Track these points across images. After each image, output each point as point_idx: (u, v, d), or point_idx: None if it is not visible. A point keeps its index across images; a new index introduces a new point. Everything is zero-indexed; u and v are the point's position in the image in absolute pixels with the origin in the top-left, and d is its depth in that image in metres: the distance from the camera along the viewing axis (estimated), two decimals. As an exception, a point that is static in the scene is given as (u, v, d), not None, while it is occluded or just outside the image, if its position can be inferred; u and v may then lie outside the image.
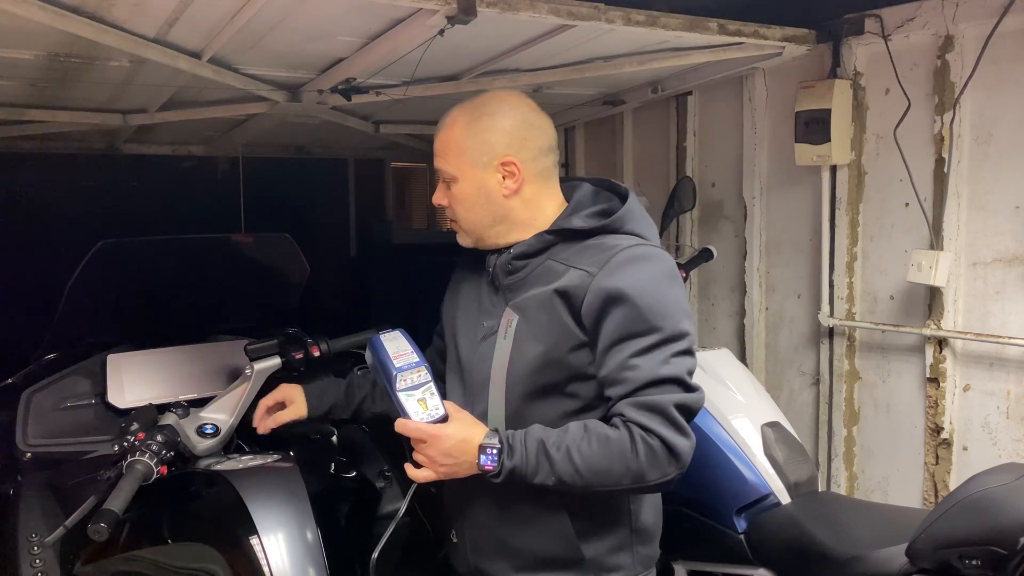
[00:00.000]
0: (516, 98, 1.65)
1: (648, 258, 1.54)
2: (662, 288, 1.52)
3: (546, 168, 1.64)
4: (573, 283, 1.52)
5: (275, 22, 2.20)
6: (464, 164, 1.61)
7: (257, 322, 2.57)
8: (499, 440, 1.49)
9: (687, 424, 1.49)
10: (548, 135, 1.65)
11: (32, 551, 1.92)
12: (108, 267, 2.32)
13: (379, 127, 3.94)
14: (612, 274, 1.50)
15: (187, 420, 2.02)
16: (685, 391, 1.49)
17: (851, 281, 2.98)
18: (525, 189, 1.62)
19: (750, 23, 2.66)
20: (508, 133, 1.59)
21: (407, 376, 1.52)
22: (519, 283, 1.62)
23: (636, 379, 1.47)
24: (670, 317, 1.50)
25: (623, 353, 1.48)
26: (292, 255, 2.66)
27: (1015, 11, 2.43)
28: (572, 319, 1.53)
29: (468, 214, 1.64)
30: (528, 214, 1.63)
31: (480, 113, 1.61)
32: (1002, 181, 2.55)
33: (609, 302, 1.49)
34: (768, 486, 2.34)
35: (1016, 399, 2.55)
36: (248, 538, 1.70)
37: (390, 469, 2.41)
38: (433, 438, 1.49)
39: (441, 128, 1.65)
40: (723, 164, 3.45)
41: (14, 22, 2.04)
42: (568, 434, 1.49)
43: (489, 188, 1.61)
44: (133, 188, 5.29)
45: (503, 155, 1.59)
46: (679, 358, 1.50)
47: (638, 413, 1.46)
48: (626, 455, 1.45)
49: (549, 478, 1.47)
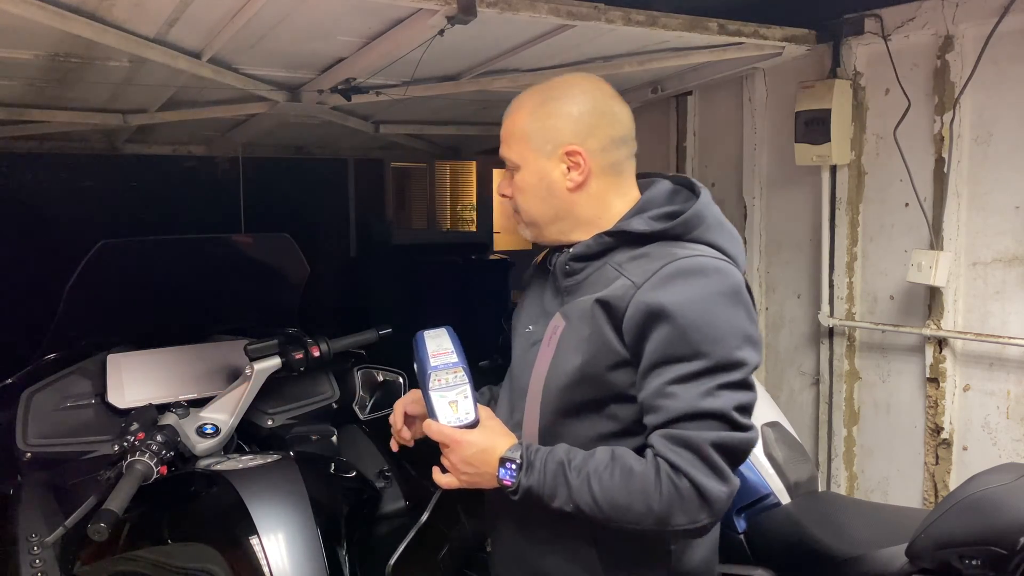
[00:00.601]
0: (589, 82, 1.50)
1: (703, 271, 1.36)
2: (714, 307, 1.33)
3: (617, 161, 1.48)
4: (616, 294, 1.37)
5: (275, 22, 2.20)
6: (527, 151, 1.47)
7: (257, 322, 2.57)
8: (520, 455, 1.38)
9: (727, 467, 1.31)
10: (623, 124, 1.48)
11: (32, 551, 1.92)
12: (108, 267, 2.31)
13: (379, 127, 3.95)
14: (656, 288, 1.34)
15: (187, 420, 2.03)
16: (730, 429, 1.31)
17: (851, 281, 2.98)
18: (592, 183, 1.46)
19: (750, 23, 2.66)
20: (575, 120, 1.44)
21: (442, 376, 1.45)
22: (576, 287, 1.48)
23: (672, 409, 1.31)
24: (720, 342, 1.32)
25: (661, 378, 1.33)
26: (292, 255, 2.66)
27: (1015, 11, 2.43)
28: (614, 333, 1.38)
29: (529, 206, 1.50)
30: (593, 212, 1.48)
31: (547, 97, 1.47)
32: (1002, 181, 2.55)
33: (650, 319, 1.33)
34: (768, 486, 2.34)
35: (1016, 399, 2.55)
36: (248, 538, 1.70)
37: (390, 469, 2.41)
38: (455, 443, 1.41)
39: (508, 112, 1.51)
40: (723, 164, 3.45)
41: (14, 22, 2.05)
42: (592, 460, 1.35)
43: (552, 179, 1.46)
44: (133, 188, 5.30)
45: (568, 144, 1.44)
46: (728, 391, 1.31)
47: (668, 448, 1.31)
48: (648, 493, 1.30)
49: (567, 504, 1.35)
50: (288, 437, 2.34)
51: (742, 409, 1.33)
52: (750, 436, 1.34)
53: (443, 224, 8.56)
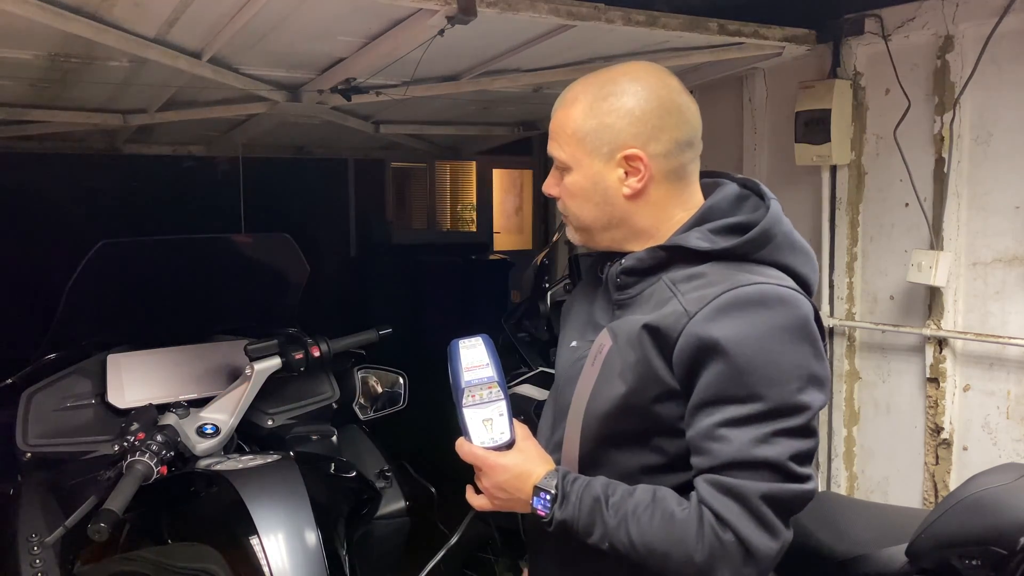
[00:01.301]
0: (654, 75, 1.34)
1: (765, 303, 1.21)
2: (776, 344, 1.19)
3: (681, 166, 1.34)
4: (667, 321, 1.23)
5: (275, 22, 2.20)
6: (580, 153, 1.32)
7: (257, 322, 2.57)
8: (555, 486, 1.28)
9: (779, 521, 1.19)
10: (690, 125, 1.35)
11: (32, 551, 1.92)
12: (108, 267, 2.31)
13: (379, 127, 3.95)
14: (711, 319, 1.20)
15: (187, 420, 2.03)
16: (785, 480, 1.18)
17: (851, 281, 2.98)
18: (652, 191, 1.32)
19: (750, 23, 2.66)
20: (637, 120, 1.29)
21: (476, 392, 1.34)
22: (629, 301, 1.34)
23: (721, 454, 1.19)
24: (780, 384, 1.18)
25: (712, 419, 1.20)
26: (292, 255, 2.66)
27: (1015, 11, 2.43)
28: (663, 363, 1.24)
29: (581, 212, 1.36)
30: (652, 221, 1.34)
31: (607, 91, 1.31)
32: (1002, 181, 2.55)
33: (703, 354, 1.20)
34: (768, 486, 2.34)
35: (1016, 399, 2.55)
36: (248, 538, 1.70)
37: (390, 469, 2.42)
38: (489, 468, 1.31)
39: (559, 106, 1.35)
40: (723, 164, 3.42)
41: (14, 22, 2.04)
42: (632, 499, 1.24)
43: (607, 185, 1.32)
44: (133, 188, 5.30)
45: (628, 147, 1.29)
46: (785, 438, 1.18)
47: (714, 496, 1.19)
48: (688, 542, 1.19)
49: (602, 542, 1.25)
50: (288, 437, 2.34)
51: (800, 458, 1.20)
52: (808, 488, 1.21)
53: (443, 224, 8.56)
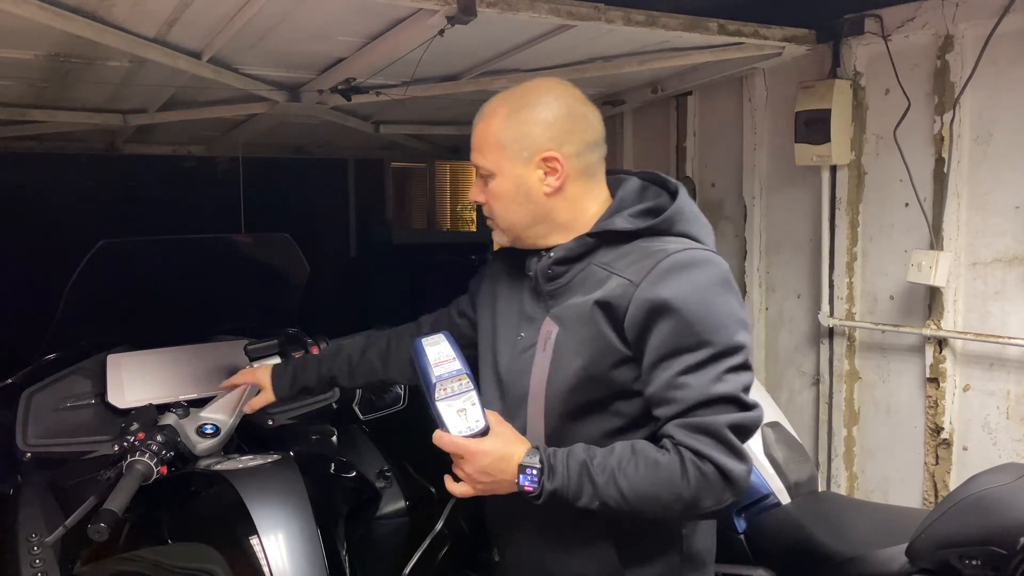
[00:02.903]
0: (561, 87, 1.53)
1: (697, 264, 1.40)
2: (713, 297, 1.39)
3: (592, 164, 1.52)
4: (615, 294, 1.40)
5: (275, 22, 2.20)
6: (502, 159, 1.49)
7: (257, 322, 2.57)
8: (540, 460, 1.39)
9: (743, 446, 1.37)
10: (595, 128, 1.52)
11: (32, 551, 1.92)
12: (108, 267, 2.31)
13: (379, 127, 3.95)
14: (656, 283, 1.37)
15: (187, 420, 2.03)
16: (741, 410, 1.37)
17: (851, 281, 2.98)
18: (568, 187, 1.49)
19: (750, 23, 2.66)
20: (551, 126, 1.47)
21: (447, 385, 1.42)
22: (561, 290, 1.50)
23: (686, 399, 1.35)
24: (722, 329, 1.37)
25: (671, 370, 1.36)
26: (292, 255, 2.66)
27: (1015, 11, 2.43)
28: (614, 332, 1.41)
29: (506, 213, 1.53)
30: (570, 215, 1.51)
31: (521, 104, 1.49)
32: (1002, 181, 2.55)
33: (654, 314, 1.37)
34: (768, 486, 2.34)
35: (1016, 399, 2.55)
36: (248, 538, 1.70)
37: (390, 469, 2.42)
38: (470, 454, 1.40)
39: (479, 119, 1.52)
40: (723, 164, 3.45)
41: (14, 22, 2.05)
42: (613, 456, 1.38)
43: (529, 186, 1.49)
44: (133, 188, 5.29)
45: (545, 150, 1.46)
46: (733, 374, 1.37)
47: (689, 436, 1.34)
48: (676, 482, 1.34)
49: (593, 502, 1.37)
50: (288, 437, 2.35)
51: (747, 389, 1.39)
52: (759, 413, 1.39)
53: (443, 224, 8.54)
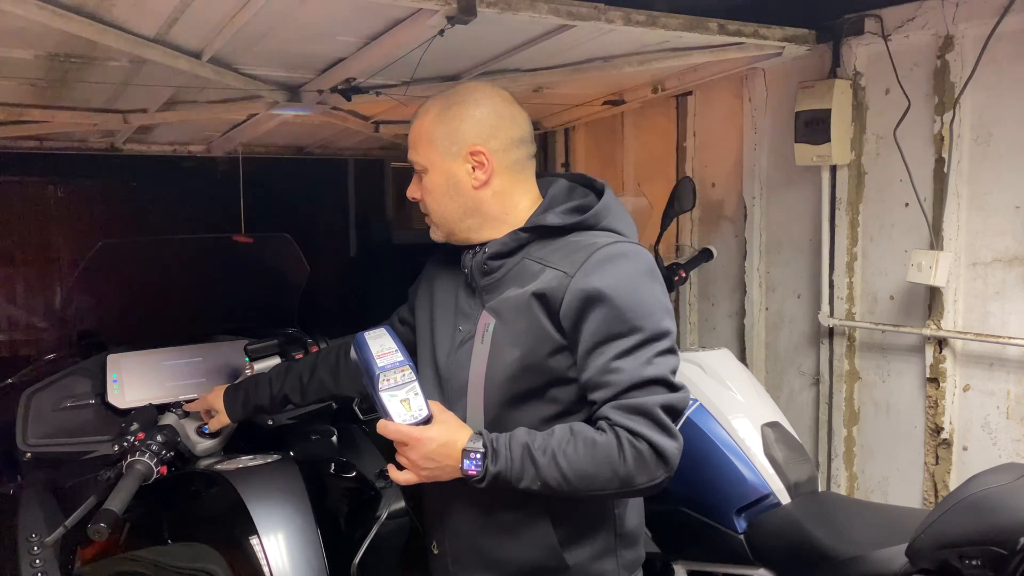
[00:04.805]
0: (488, 88, 1.63)
1: (626, 256, 1.50)
2: (641, 286, 1.49)
3: (518, 160, 1.61)
4: (550, 285, 1.49)
5: (275, 22, 2.20)
6: (433, 154, 1.59)
7: (257, 322, 2.57)
8: (483, 444, 1.45)
9: (674, 425, 1.46)
10: (521, 126, 1.61)
11: (32, 551, 1.92)
12: (108, 267, 2.32)
13: (379, 127, 3.94)
14: (589, 274, 1.47)
15: (187, 420, 2.03)
16: (670, 391, 1.46)
17: (851, 281, 2.98)
18: (495, 181, 1.58)
19: (750, 23, 2.66)
20: (478, 122, 1.56)
21: (390, 376, 1.48)
22: (496, 284, 1.58)
23: (620, 382, 1.44)
24: (651, 316, 1.47)
25: (605, 356, 1.45)
26: (292, 255, 2.66)
27: (1015, 11, 2.43)
28: (550, 322, 1.49)
29: (438, 206, 1.62)
30: (500, 208, 1.60)
31: (450, 103, 1.59)
32: (1002, 181, 2.55)
33: (588, 303, 1.46)
34: (768, 486, 2.34)
35: (1016, 399, 2.55)
36: (248, 538, 1.71)
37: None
38: (415, 441, 1.45)
39: (414, 118, 1.63)
40: (723, 164, 3.45)
41: (14, 22, 2.04)
42: (554, 438, 1.45)
43: (458, 179, 1.58)
44: (133, 188, 5.29)
45: (472, 144, 1.56)
46: (662, 358, 1.46)
47: (624, 416, 1.43)
48: (613, 460, 1.42)
49: (535, 483, 1.44)
50: (288, 437, 2.35)
51: (674, 372, 1.49)
52: (686, 394, 1.49)
53: (443, 224, 8.55)
